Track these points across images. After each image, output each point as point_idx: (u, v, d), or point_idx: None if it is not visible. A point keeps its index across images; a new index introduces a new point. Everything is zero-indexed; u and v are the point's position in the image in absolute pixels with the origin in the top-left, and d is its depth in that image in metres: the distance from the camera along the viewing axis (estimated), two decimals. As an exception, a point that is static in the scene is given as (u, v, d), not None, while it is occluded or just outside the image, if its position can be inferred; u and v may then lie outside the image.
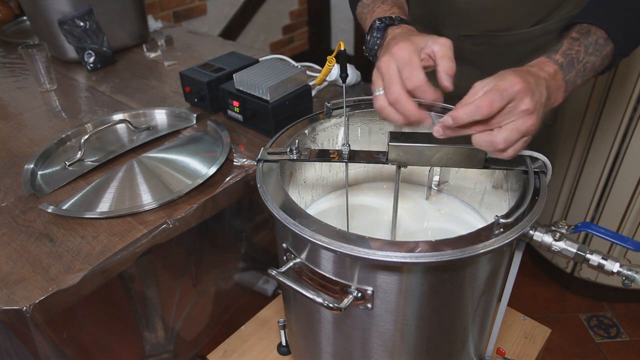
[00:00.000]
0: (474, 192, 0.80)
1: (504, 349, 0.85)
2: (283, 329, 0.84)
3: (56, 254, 0.71)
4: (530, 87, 0.55)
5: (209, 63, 1.08)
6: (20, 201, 0.82)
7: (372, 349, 0.64)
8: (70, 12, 1.26)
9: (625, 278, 0.54)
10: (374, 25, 0.73)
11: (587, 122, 1.44)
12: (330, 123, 0.79)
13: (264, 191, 0.62)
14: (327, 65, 0.70)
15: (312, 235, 0.54)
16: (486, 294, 0.63)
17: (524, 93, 0.54)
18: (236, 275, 1.00)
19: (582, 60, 0.64)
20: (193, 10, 2.53)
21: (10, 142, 1.00)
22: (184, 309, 0.93)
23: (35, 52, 1.17)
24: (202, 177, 0.83)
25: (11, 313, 0.63)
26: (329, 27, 3.22)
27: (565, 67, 0.63)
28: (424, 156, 0.63)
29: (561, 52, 0.64)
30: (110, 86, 1.22)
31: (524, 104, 0.54)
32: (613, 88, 1.33)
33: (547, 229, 0.57)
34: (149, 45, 1.39)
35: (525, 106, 0.54)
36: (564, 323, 1.64)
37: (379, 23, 0.72)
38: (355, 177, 0.87)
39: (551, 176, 0.64)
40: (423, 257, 0.51)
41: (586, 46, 0.65)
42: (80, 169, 0.89)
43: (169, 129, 1.00)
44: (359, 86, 1.17)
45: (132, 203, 0.79)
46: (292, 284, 0.57)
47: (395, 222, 0.70)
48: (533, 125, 0.56)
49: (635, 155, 1.38)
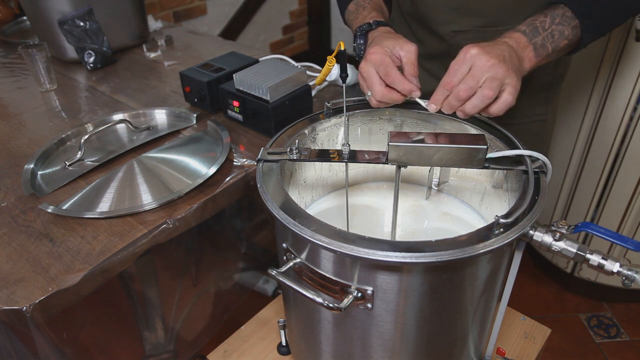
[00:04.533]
0: (474, 192, 0.80)
1: (504, 349, 0.85)
2: (283, 329, 0.84)
3: (56, 254, 0.71)
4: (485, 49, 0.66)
5: (209, 63, 1.08)
6: (20, 201, 0.82)
7: (372, 349, 0.64)
8: (70, 12, 1.26)
9: (625, 278, 0.54)
10: (357, 33, 0.83)
11: (587, 121, 1.44)
12: (330, 123, 0.79)
13: (264, 191, 0.62)
14: (327, 65, 0.70)
15: (312, 235, 0.54)
16: (486, 294, 0.63)
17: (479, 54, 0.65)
18: (236, 275, 1.00)
19: (547, 29, 0.72)
20: (193, 10, 2.53)
21: (10, 142, 1.00)
22: (184, 309, 0.93)
23: (35, 52, 1.17)
24: (202, 177, 0.83)
25: (11, 313, 0.63)
26: (329, 27, 3.22)
27: (529, 33, 0.71)
28: (424, 156, 0.63)
29: (525, 23, 0.73)
30: (110, 86, 1.22)
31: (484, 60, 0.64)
32: (613, 88, 1.33)
33: (547, 229, 0.57)
34: (149, 45, 1.39)
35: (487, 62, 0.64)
36: (564, 323, 1.64)
37: (360, 31, 0.82)
38: (355, 177, 0.87)
39: (551, 176, 0.64)
40: (423, 257, 0.51)
41: (552, 17, 0.73)
42: (80, 169, 0.89)
43: (169, 129, 1.00)
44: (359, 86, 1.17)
45: (132, 203, 0.79)
46: (292, 284, 0.57)
47: (395, 222, 0.70)
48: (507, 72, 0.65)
49: (635, 155, 1.38)
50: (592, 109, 1.41)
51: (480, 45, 0.66)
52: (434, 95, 0.68)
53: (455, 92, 0.65)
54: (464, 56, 0.66)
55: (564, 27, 0.73)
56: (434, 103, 0.68)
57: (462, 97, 0.65)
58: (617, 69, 1.30)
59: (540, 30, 0.72)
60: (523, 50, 0.71)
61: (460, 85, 0.65)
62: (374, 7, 0.87)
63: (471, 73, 0.65)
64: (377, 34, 0.79)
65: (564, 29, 0.73)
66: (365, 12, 0.86)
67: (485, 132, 0.72)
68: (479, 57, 0.65)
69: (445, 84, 0.66)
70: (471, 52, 0.65)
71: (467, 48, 0.66)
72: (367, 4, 0.88)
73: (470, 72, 0.65)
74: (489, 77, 0.64)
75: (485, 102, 0.64)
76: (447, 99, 0.67)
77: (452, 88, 0.66)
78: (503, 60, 0.65)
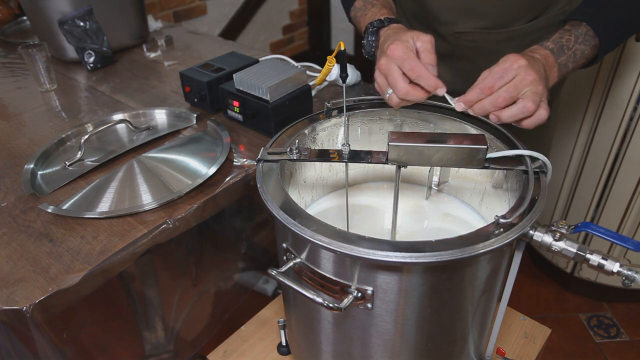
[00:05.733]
0: (474, 192, 0.80)
1: (504, 349, 0.85)
2: (283, 329, 0.84)
3: (56, 254, 0.71)
4: (530, 62, 0.66)
5: (209, 63, 1.08)
6: (20, 201, 0.82)
7: (372, 349, 0.64)
8: (70, 12, 1.26)
9: (625, 278, 0.54)
10: (368, 30, 0.81)
11: (587, 122, 1.44)
12: (330, 123, 0.79)
13: (264, 191, 0.62)
14: (327, 65, 0.70)
15: (312, 235, 0.54)
16: (486, 294, 0.63)
17: (526, 67, 0.64)
18: (236, 275, 1.00)
19: (572, 48, 0.73)
20: (193, 10, 2.53)
21: (10, 142, 1.00)
22: (184, 309, 0.93)
23: (35, 52, 1.17)
24: (202, 177, 0.83)
25: (11, 313, 0.63)
26: (329, 27, 3.22)
27: (556, 51, 0.72)
28: (424, 156, 0.63)
29: (552, 40, 0.74)
30: (110, 86, 1.22)
31: (529, 74, 0.64)
32: (613, 88, 1.33)
33: (547, 229, 0.57)
34: (149, 45, 1.39)
35: (531, 76, 0.64)
36: (564, 323, 1.64)
37: (372, 28, 0.80)
38: (355, 177, 0.87)
39: (551, 176, 0.64)
40: (423, 257, 0.51)
41: (576, 36, 0.74)
42: (80, 169, 0.89)
43: (169, 129, 1.00)
44: (359, 86, 1.17)
45: (132, 203, 0.79)
46: (292, 284, 0.57)
47: (395, 222, 0.70)
48: (544, 90, 0.66)
49: (635, 155, 1.38)
50: (592, 109, 1.41)
51: (527, 58, 0.66)
52: (467, 94, 0.67)
53: (495, 97, 0.65)
54: (511, 65, 0.65)
55: (585, 47, 0.74)
56: (465, 103, 0.68)
57: (500, 104, 0.65)
58: (617, 69, 1.30)
59: (565, 50, 0.73)
60: (550, 70, 0.71)
61: (502, 92, 0.65)
62: (383, 5, 0.86)
63: (514, 83, 0.65)
64: (390, 31, 0.77)
65: (585, 49, 0.74)
66: (374, 9, 0.85)
67: (485, 132, 0.72)
68: (525, 70, 0.64)
69: (485, 88, 0.66)
70: (520, 63, 0.65)
71: (516, 58, 0.65)
72: (375, 0, 0.87)
73: (512, 82, 0.65)
74: (530, 90, 0.64)
75: (525, 114, 0.65)
76: (482, 101, 0.66)
77: (491, 92, 0.65)
78: (542, 77, 0.66)
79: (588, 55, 0.75)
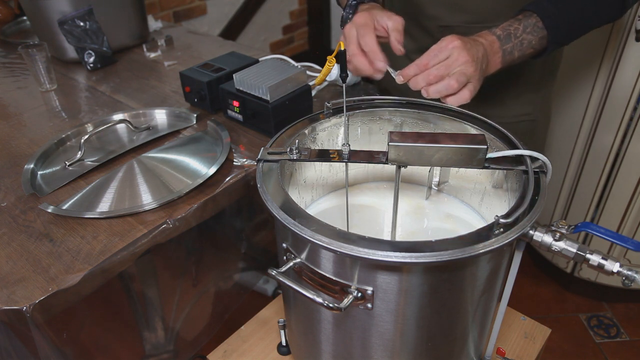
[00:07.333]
0: (474, 192, 0.80)
1: (504, 349, 0.85)
2: (283, 329, 0.84)
3: (56, 254, 0.71)
4: (466, 45, 0.71)
5: (209, 63, 1.08)
6: (20, 201, 0.82)
7: (372, 349, 0.64)
8: (70, 12, 1.26)
9: (625, 278, 0.54)
10: (348, 3, 0.86)
11: (587, 121, 1.44)
12: (330, 123, 0.79)
13: (264, 191, 0.62)
14: (327, 65, 0.70)
15: (312, 235, 0.54)
16: (486, 294, 0.63)
17: (460, 48, 0.70)
18: (236, 275, 1.00)
19: (519, 36, 0.77)
20: (193, 10, 2.53)
21: (10, 142, 1.00)
22: (184, 309, 0.93)
23: (35, 52, 1.17)
24: (202, 177, 0.83)
25: (11, 313, 0.63)
26: (329, 27, 3.22)
27: (503, 38, 0.77)
28: (424, 156, 0.63)
29: (501, 27, 0.78)
30: (110, 86, 1.22)
31: (462, 55, 0.70)
32: (613, 88, 1.33)
33: (547, 229, 0.57)
34: (149, 45, 1.39)
35: (463, 57, 0.70)
36: (564, 323, 1.64)
37: (350, 2, 0.85)
38: (355, 177, 0.87)
39: (551, 176, 0.64)
40: (423, 257, 0.51)
41: (525, 26, 0.78)
42: (80, 169, 0.89)
43: (169, 129, 1.00)
44: (359, 86, 1.17)
45: (132, 203, 0.79)
46: (292, 284, 0.57)
47: (395, 222, 0.70)
48: (475, 72, 0.71)
49: (635, 155, 1.38)
50: (592, 109, 1.41)
51: (463, 40, 0.71)
52: (407, 69, 0.73)
53: (426, 73, 0.71)
54: (446, 45, 0.71)
55: (532, 37, 0.78)
56: (404, 77, 0.73)
57: (431, 80, 0.71)
58: (617, 69, 1.30)
59: (512, 38, 0.77)
60: (493, 55, 0.76)
61: (433, 70, 0.71)
62: None
63: (446, 62, 0.70)
64: (367, 7, 0.83)
65: (533, 39, 0.78)
66: None
67: (485, 132, 0.72)
68: (459, 50, 0.70)
69: (420, 64, 0.72)
70: (455, 44, 0.70)
71: (452, 39, 0.71)
72: None
73: (445, 61, 0.70)
74: (459, 71, 0.70)
75: (449, 91, 0.70)
76: (416, 76, 0.72)
77: (425, 69, 0.71)
78: (476, 61, 0.71)
79: (536, 46, 0.79)
